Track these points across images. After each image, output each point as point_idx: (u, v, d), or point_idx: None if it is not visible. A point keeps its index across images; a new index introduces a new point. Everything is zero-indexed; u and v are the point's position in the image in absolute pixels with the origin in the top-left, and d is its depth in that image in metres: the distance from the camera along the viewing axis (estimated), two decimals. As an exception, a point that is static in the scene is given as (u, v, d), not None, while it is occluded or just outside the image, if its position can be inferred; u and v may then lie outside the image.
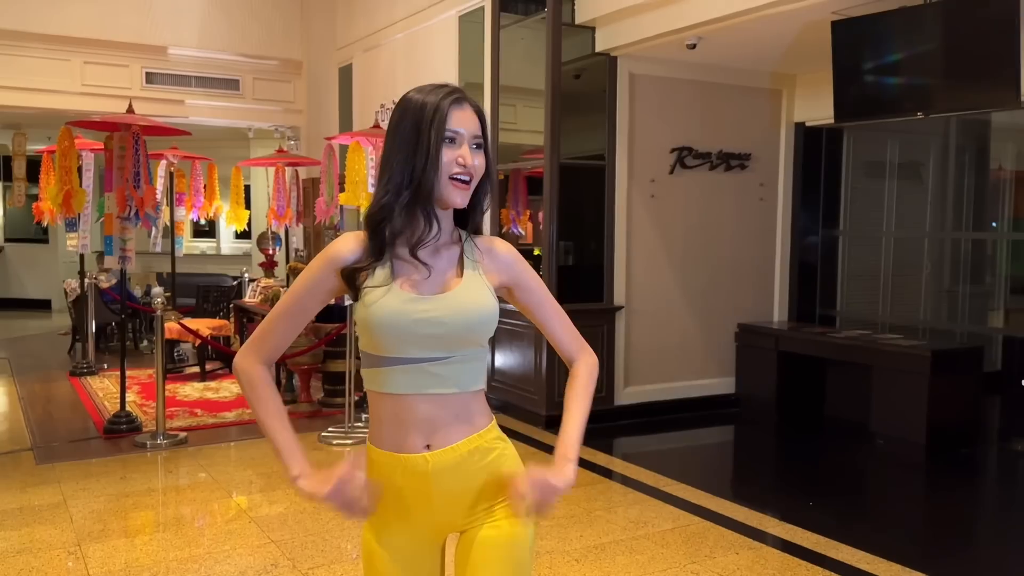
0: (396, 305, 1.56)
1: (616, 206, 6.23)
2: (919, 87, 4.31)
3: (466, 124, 1.59)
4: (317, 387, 6.81)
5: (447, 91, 1.60)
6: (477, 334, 1.62)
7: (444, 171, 1.57)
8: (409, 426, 1.60)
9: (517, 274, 1.71)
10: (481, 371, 1.67)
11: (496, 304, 1.64)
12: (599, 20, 5.95)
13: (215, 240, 14.37)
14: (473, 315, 1.60)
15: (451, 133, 1.57)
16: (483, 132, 1.63)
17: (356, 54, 8.76)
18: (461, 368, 1.61)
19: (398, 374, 1.59)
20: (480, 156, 1.61)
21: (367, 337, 1.60)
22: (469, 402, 1.64)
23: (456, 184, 1.58)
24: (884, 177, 7.44)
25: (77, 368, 8.06)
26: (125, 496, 4.56)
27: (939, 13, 4.16)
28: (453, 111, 1.58)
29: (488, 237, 1.72)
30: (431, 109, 1.57)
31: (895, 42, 4.28)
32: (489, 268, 1.67)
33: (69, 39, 8.54)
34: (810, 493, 4.94)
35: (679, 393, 6.55)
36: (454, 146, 1.58)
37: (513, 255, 1.71)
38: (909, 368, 5.55)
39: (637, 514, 4.32)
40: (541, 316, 1.75)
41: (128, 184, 5.45)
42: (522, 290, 1.72)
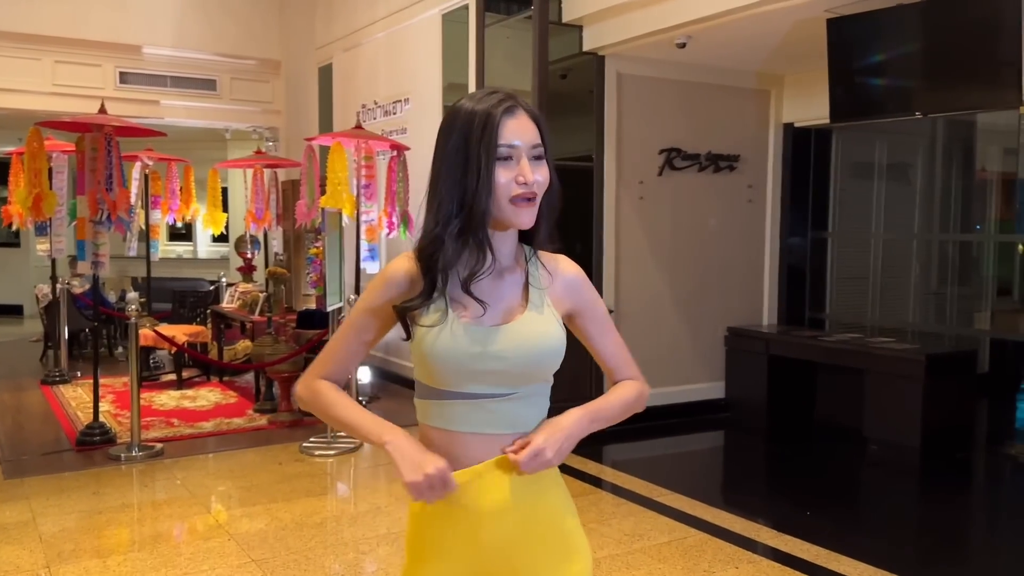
0: (453, 338, 1.41)
1: (604, 208, 6.11)
2: (917, 86, 4.22)
3: (522, 135, 1.39)
4: (298, 395, 6.63)
5: (498, 99, 1.41)
6: (542, 369, 1.46)
7: (501, 194, 1.39)
8: (458, 463, 1.43)
9: (584, 300, 1.54)
10: (543, 409, 1.50)
11: (563, 334, 1.48)
12: (586, 19, 5.83)
13: (192, 244, 14.11)
14: (538, 348, 1.44)
15: (506, 149, 1.38)
16: (543, 139, 1.44)
17: (336, 53, 8.58)
18: (523, 405, 1.45)
19: (453, 409, 1.44)
20: (542, 168, 1.42)
21: (422, 368, 1.46)
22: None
23: (519, 205, 1.40)
24: (872, 178, 7.38)
25: (49, 376, 7.82)
26: (98, 512, 4.36)
27: (938, 11, 4.07)
28: (505, 121, 1.38)
29: (552, 256, 1.53)
30: (480, 122, 1.38)
31: (892, 40, 4.19)
32: (556, 293, 1.50)
33: (39, 37, 8.29)
34: (806, 501, 4.83)
35: (668, 399, 6.43)
36: (511, 163, 1.39)
37: (581, 278, 1.54)
38: (903, 372, 5.46)
39: (632, 526, 4.19)
40: (602, 347, 1.58)
41: (100, 187, 5.24)
42: (587, 318, 1.55)
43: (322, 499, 4.67)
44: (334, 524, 4.25)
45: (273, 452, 5.52)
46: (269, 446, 5.67)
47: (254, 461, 5.36)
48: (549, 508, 1.49)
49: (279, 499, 4.56)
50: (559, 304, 1.49)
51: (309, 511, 4.37)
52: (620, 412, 1.56)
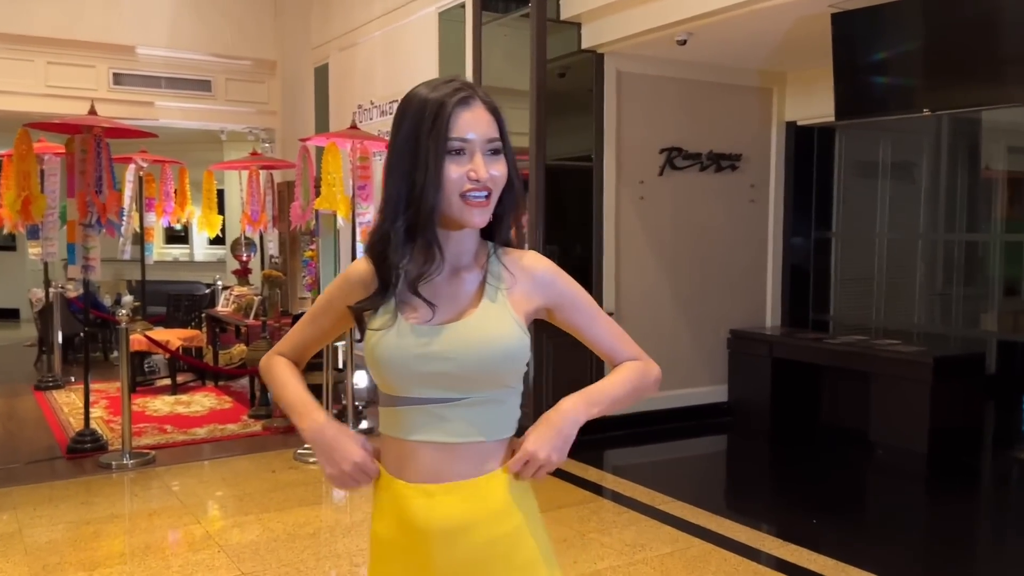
0: (399, 339, 1.34)
1: (604, 209, 5.99)
2: (924, 83, 4.11)
3: (477, 127, 1.31)
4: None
5: (454, 87, 1.32)
6: (495, 371, 1.35)
7: (451, 189, 1.30)
8: (412, 470, 1.37)
9: (558, 292, 1.43)
10: (504, 418, 1.38)
11: (522, 335, 1.37)
12: (585, 16, 5.72)
13: (188, 246, 14.00)
14: (489, 349, 1.34)
15: (457, 143, 1.30)
16: (501, 133, 1.35)
17: (332, 53, 8.47)
18: (477, 412, 1.35)
19: (405, 415, 1.37)
20: (499, 164, 1.34)
21: (374, 373, 1.39)
22: (486, 453, 1.37)
23: (471, 202, 1.31)
24: (876, 177, 7.26)
25: (42, 382, 7.71)
26: (86, 523, 4.25)
27: (945, 5, 3.96)
28: (459, 113, 1.30)
29: (519, 252, 1.43)
30: (432, 112, 1.30)
31: (899, 35, 4.08)
32: (522, 290, 1.40)
33: (32, 38, 8.17)
34: (811, 508, 4.72)
35: (670, 402, 6.31)
36: (462, 158, 1.30)
37: (552, 271, 1.43)
38: (910, 375, 5.35)
39: (633, 536, 4.07)
40: (594, 336, 1.47)
41: (90, 189, 5.14)
42: (567, 310, 1.44)
43: (315, 509, 4.56)
44: (327, 535, 4.14)
45: (267, 459, 5.41)
46: (263, 453, 5.56)
47: (247, 468, 5.25)
48: (511, 531, 1.38)
49: (272, 508, 4.45)
50: (525, 302, 1.39)
51: (302, 521, 4.26)
52: (626, 393, 1.46)
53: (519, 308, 1.38)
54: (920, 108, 4.08)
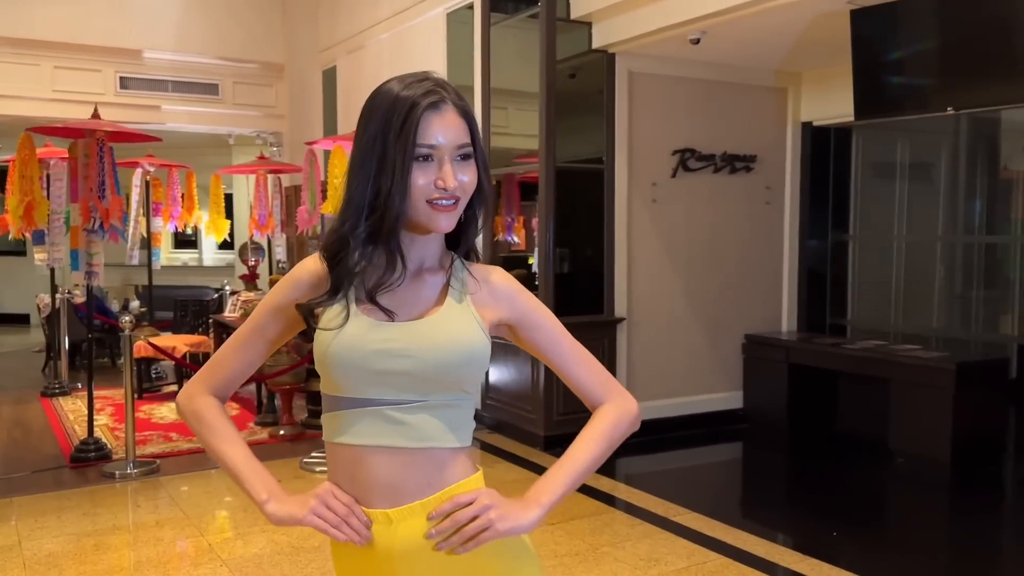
0: (353, 331, 1.26)
1: (616, 212, 5.87)
2: (948, 80, 3.97)
3: (447, 133, 1.24)
4: (301, 407, 6.42)
5: (425, 88, 1.25)
6: (456, 375, 1.28)
7: (418, 196, 1.24)
8: (366, 488, 1.28)
9: (521, 310, 1.37)
10: (462, 424, 1.31)
11: (484, 340, 1.30)
12: (596, 15, 5.60)
13: (197, 251, 13.96)
14: (451, 349, 1.27)
15: (425, 149, 1.23)
16: (473, 137, 1.27)
17: (340, 56, 8.39)
18: (433, 417, 1.28)
19: (355, 419, 1.28)
20: (469, 169, 1.27)
21: (323, 374, 1.30)
22: (444, 461, 1.30)
23: (437, 208, 1.25)
24: (894, 178, 7.11)
25: (49, 388, 7.65)
26: (87, 535, 4.16)
27: (968, 0, 3.82)
28: (429, 117, 1.23)
29: (483, 266, 1.38)
30: (400, 114, 1.23)
31: (921, 32, 3.94)
32: (484, 301, 1.34)
33: (38, 42, 8.12)
34: (831, 520, 4.57)
35: (684, 409, 6.19)
36: (430, 164, 1.24)
37: (514, 286, 1.38)
38: (931, 382, 5.20)
39: (647, 550, 3.95)
40: (556, 358, 1.40)
41: (92, 194, 5.05)
42: (528, 328, 1.38)
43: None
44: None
45: (273, 468, 5.20)
46: (269, 461, 5.45)
47: (253, 478, 5.14)
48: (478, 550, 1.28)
49: (276, 520, 4.33)
50: (486, 312, 1.33)
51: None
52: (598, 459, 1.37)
53: (483, 314, 1.33)
54: (943, 107, 3.94)
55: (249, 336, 1.39)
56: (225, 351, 1.41)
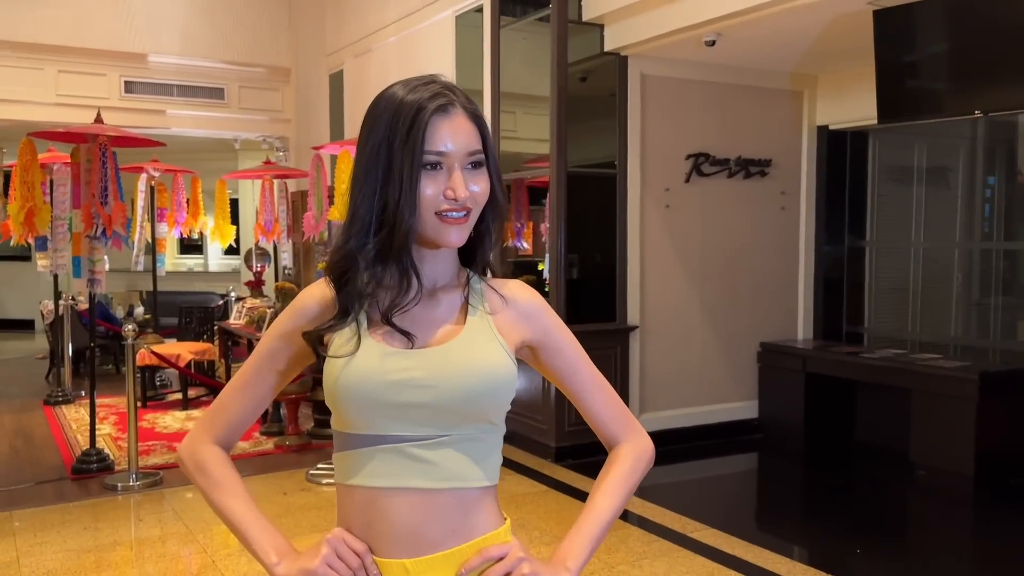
0: (366, 359, 1.14)
1: (628, 217, 5.74)
2: (974, 83, 3.84)
3: (456, 139, 1.13)
4: (307, 416, 6.31)
5: (432, 91, 1.14)
6: (483, 406, 1.16)
7: (426, 208, 1.12)
8: (383, 535, 1.15)
9: (545, 329, 1.26)
10: (490, 459, 1.19)
11: (510, 364, 1.19)
12: (608, 16, 5.48)
13: (203, 257, 13.88)
14: (476, 377, 1.15)
15: (433, 156, 1.12)
16: (484, 144, 1.15)
17: (347, 60, 8.29)
18: (460, 452, 1.15)
19: (368, 457, 1.15)
20: (480, 178, 1.15)
21: (333, 408, 1.17)
22: (471, 504, 1.17)
23: (447, 220, 1.13)
24: (912, 184, 6.97)
25: (52, 396, 7.55)
26: (87, 551, 4.05)
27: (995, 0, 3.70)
28: (436, 122, 1.12)
29: (504, 281, 1.26)
30: (406, 119, 1.12)
31: (947, 32, 3.81)
32: (509, 321, 1.22)
33: (42, 46, 8.03)
34: (852, 535, 4.43)
35: (698, 419, 6.06)
36: (439, 173, 1.12)
37: (539, 304, 1.27)
38: (953, 392, 5.06)
39: (665, 569, 3.81)
40: (574, 386, 1.30)
41: (95, 200, 4.95)
42: (550, 351, 1.27)
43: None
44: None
45: (279, 480, 5.19)
46: (275, 473, 5.35)
47: (258, 490, 5.03)
48: None
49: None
50: (510, 333, 1.22)
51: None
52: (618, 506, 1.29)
53: (506, 336, 1.21)
54: (970, 110, 3.81)
55: (254, 374, 1.27)
56: (228, 393, 1.29)
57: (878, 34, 4.01)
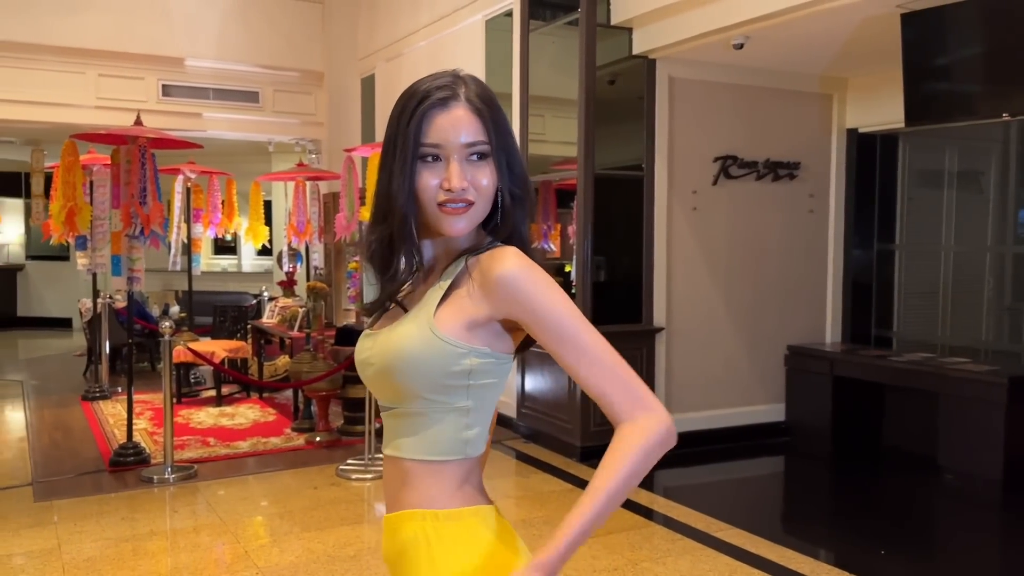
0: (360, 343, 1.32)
1: (655, 219, 5.78)
2: (1002, 86, 3.84)
3: (451, 133, 1.18)
4: (337, 413, 6.42)
5: (439, 84, 1.20)
6: (400, 382, 1.20)
7: (427, 199, 1.19)
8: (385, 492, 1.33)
9: (515, 301, 1.17)
10: (431, 437, 1.22)
11: (430, 342, 1.19)
12: (637, 20, 5.53)
13: (237, 257, 14.10)
14: (390, 356, 1.21)
15: (429, 149, 1.18)
16: (489, 133, 1.19)
17: (379, 64, 8.41)
18: (402, 425, 1.24)
19: None
20: (483, 169, 1.19)
21: None
22: (408, 474, 1.24)
23: (446, 211, 1.19)
24: (942, 187, 6.92)
25: (89, 392, 7.74)
26: (124, 540, 4.17)
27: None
28: (433, 117, 1.18)
29: (492, 253, 1.22)
30: (408, 113, 1.19)
31: (975, 35, 3.81)
32: (469, 295, 1.20)
33: (83, 51, 8.25)
34: (878, 538, 4.43)
35: (725, 421, 6.07)
36: (438, 164, 1.18)
37: (511, 273, 1.17)
38: (982, 396, 5.03)
39: (689, 566, 3.85)
40: (563, 361, 1.18)
41: (134, 200, 5.09)
42: (529, 325, 1.18)
43: (357, 528, 4.41)
44: (369, 557, 3.98)
45: (309, 475, 5.29)
46: (306, 468, 5.45)
47: (289, 485, 5.14)
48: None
49: (312, 527, 4.32)
50: (472, 308, 1.20)
51: (343, 542, 4.12)
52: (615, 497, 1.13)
53: (458, 313, 1.20)
54: (998, 113, 3.80)
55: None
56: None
57: (906, 36, 4.02)
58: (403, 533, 1.24)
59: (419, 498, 1.23)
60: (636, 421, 1.14)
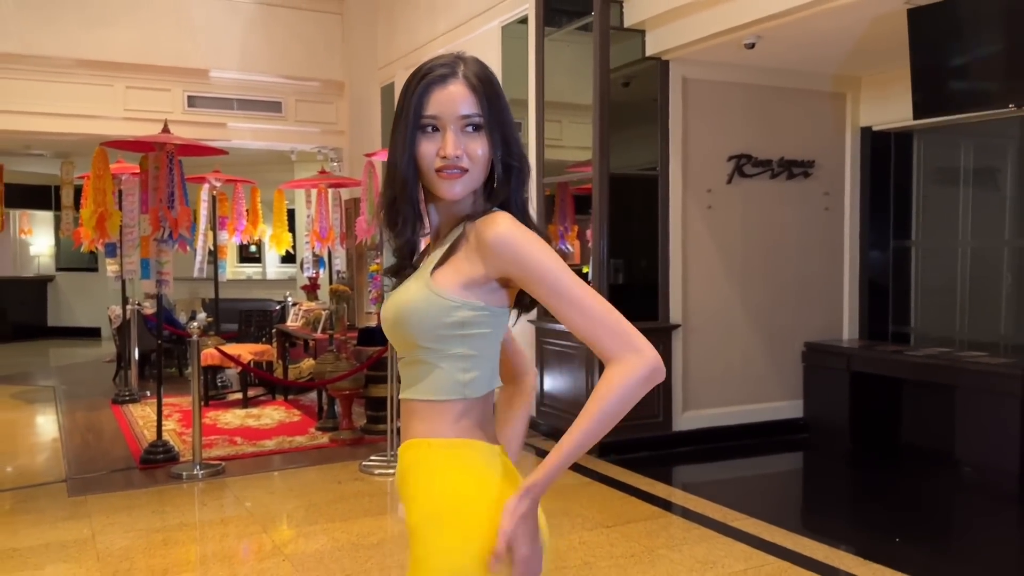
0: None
1: (671, 218, 5.87)
2: (1009, 78, 3.90)
3: (448, 106, 1.32)
4: (360, 413, 6.54)
5: (441, 63, 1.34)
6: (402, 334, 1.38)
7: (425, 166, 1.33)
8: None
9: (510, 261, 1.29)
10: (433, 381, 1.38)
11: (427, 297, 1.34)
12: (649, 22, 5.63)
13: (261, 265, 14.34)
14: (394, 311, 1.39)
15: (428, 120, 1.32)
16: (482, 107, 1.32)
17: (398, 72, 8.57)
18: (412, 370, 1.41)
19: None
20: (477, 139, 1.33)
21: None
22: (416, 413, 1.41)
23: (443, 176, 1.33)
24: (958, 184, 6.95)
25: (119, 396, 7.93)
26: (155, 531, 4.31)
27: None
28: (432, 92, 1.32)
29: (487, 217, 1.34)
30: (411, 89, 1.34)
31: (980, 29, 3.88)
32: (466, 257, 1.34)
33: (111, 64, 8.50)
34: (893, 528, 4.48)
35: (742, 418, 6.13)
36: (436, 134, 1.32)
37: (500, 238, 1.29)
38: (998, 389, 5.06)
39: (704, 553, 3.92)
40: (557, 313, 1.29)
41: (162, 205, 5.26)
42: (523, 282, 1.31)
43: (379, 519, 4.53)
44: (391, 545, 4.09)
45: (333, 471, 5.42)
46: (330, 464, 5.57)
47: (314, 480, 5.27)
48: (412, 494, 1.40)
49: (337, 519, 4.44)
50: (468, 268, 1.34)
51: (366, 531, 4.23)
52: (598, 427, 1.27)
53: (455, 274, 1.34)
54: (1004, 103, 3.86)
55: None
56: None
57: (913, 32, 4.10)
58: (406, 458, 1.42)
59: (422, 430, 1.40)
60: (623, 360, 1.26)
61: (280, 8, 9.29)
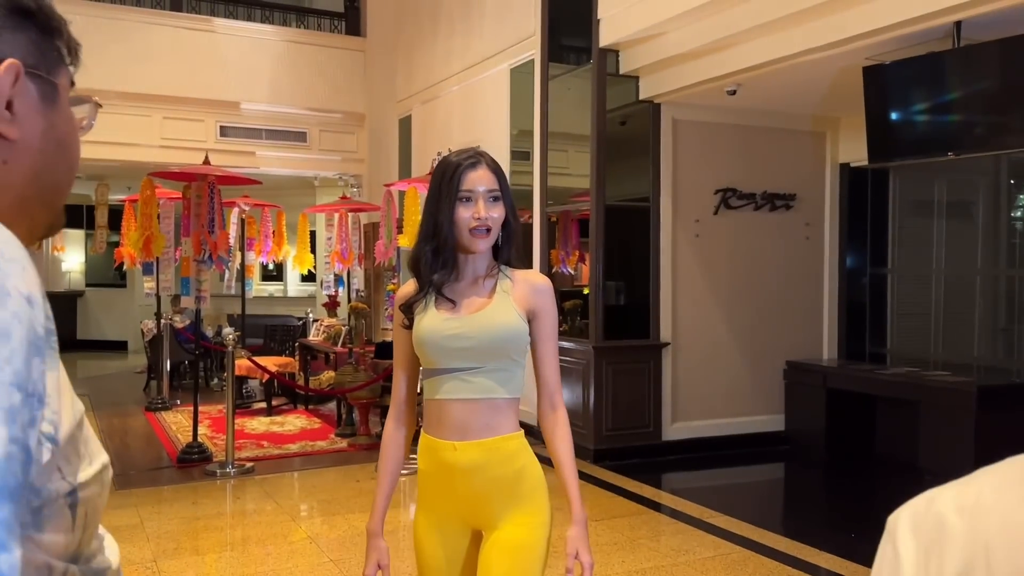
0: (432, 324, 1.89)
1: (661, 246, 6.43)
2: (949, 128, 4.46)
3: (480, 182, 1.86)
4: (376, 421, 7.10)
5: (467, 155, 1.90)
6: (503, 348, 1.88)
7: (463, 226, 1.86)
8: (446, 425, 1.90)
9: (541, 303, 1.94)
10: (510, 382, 1.91)
11: (521, 322, 1.90)
12: (642, 70, 6.24)
13: (282, 283, 14.98)
14: (498, 331, 1.87)
15: (466, 193, 1.86)
16: (500, 185, 1.90)
17: (415, 106, 9.21)
18: (490, 377, 1.88)
19: (439, 382, 1.90)
20: (497, 207, 1.89)
21: (419, 352, 1.94)
22: (498, 409, 1.90)
23: (475, 235, 1.87)
24: (932, 216, 7.49)
25: (152, 404, 8.53)
26: (196, 519, 4.88)
27: (967, 59, 4.32)
28: (467, 173, 1.86)
29: (529, 271, 1.98)
30: (449, 172, 1.88)
31: (924, 86, 4.45)
32: (521, 294, 1.93)
33: (150, 96, 9.20)
34: (851, 524, 4.99)
35: (727, 430, 6.65)
36: (470, 204, 1.86)
37: (546, 285, 1.96)
38: (955, 404, 5.58)
39: (680, 543, 4.46)
40: (541, 349, 1.96)
41: (204, 230, 5.88)
42: (538, 319, 1.94)
43: (394, 511, 5.09)
44: (405, 532, 4.65)
45: (352, 471, 5.98)
46: (348, 466, 6.14)
47: (334, 478, 5.83)
48: (518, 469, 1.91)
49: (356, 511, 5.00)
50: (523, 301, 1.91)
51: (384, 521, 4.78)
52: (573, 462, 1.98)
53: (519, 304, 1.91)
54: (944, 151, 4.42)
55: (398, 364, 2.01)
56: (394, 381, 2.03)
57: (867, 86, 4.67)
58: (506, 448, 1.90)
59: (511, 424, 1.92)
60: (561, 413, 1.97)
61: (306, 46, 10.00)
